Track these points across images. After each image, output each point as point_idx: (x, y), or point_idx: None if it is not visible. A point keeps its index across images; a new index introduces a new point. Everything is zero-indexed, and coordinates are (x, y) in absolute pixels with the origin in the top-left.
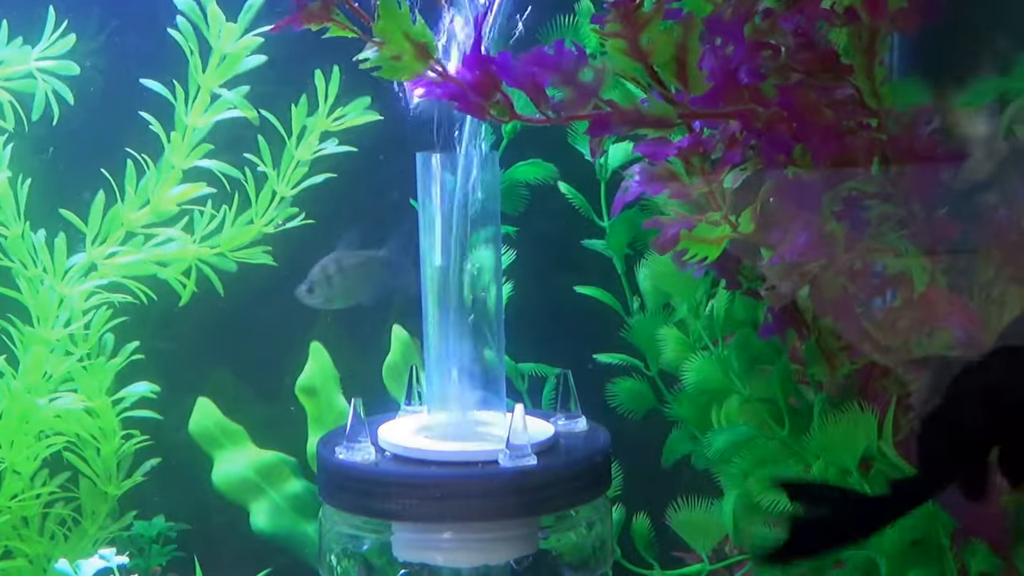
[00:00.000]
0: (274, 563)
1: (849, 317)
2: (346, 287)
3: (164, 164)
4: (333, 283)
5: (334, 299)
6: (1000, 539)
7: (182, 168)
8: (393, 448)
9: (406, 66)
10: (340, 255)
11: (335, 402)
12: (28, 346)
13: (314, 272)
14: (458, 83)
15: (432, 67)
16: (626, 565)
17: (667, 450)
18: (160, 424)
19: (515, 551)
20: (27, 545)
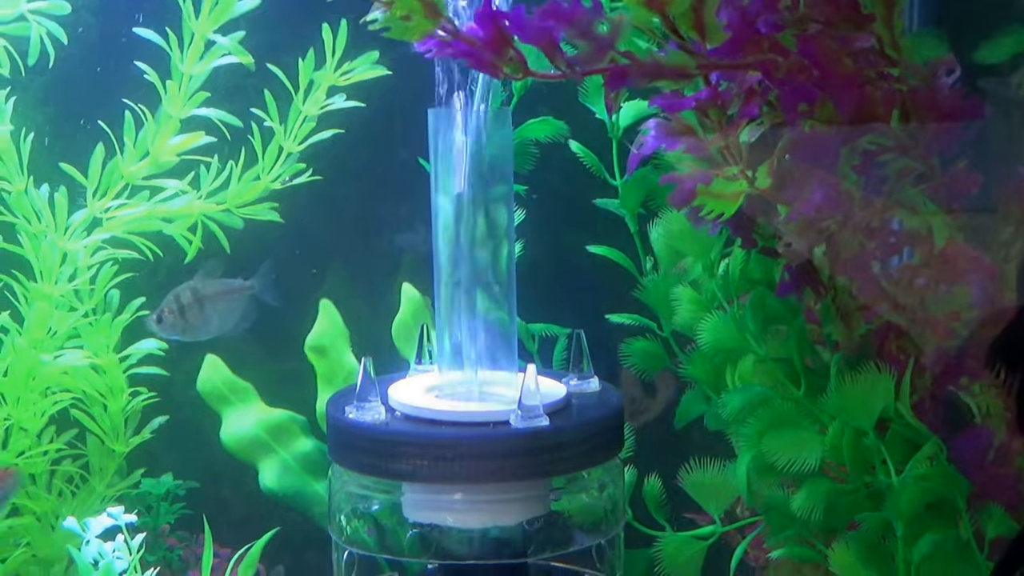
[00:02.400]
0: (283, 522)
1: (866, 275)
2: (204, 318)
3: (162, 114)
4: (187, 315)
5: (188, 330)
6: (1016, 502)
7: (180, 117)
8: (403, 408)
9: (416, 26)
10: (197, 284)
11: (344, 361)
12: (32, 302)
13: (167, 300)
14: (470, 41)
15: (443, 26)
16: (638, 527)
17: (680, 411)
18: (168, 381)
19: (526, 512)
20: (35, 502)
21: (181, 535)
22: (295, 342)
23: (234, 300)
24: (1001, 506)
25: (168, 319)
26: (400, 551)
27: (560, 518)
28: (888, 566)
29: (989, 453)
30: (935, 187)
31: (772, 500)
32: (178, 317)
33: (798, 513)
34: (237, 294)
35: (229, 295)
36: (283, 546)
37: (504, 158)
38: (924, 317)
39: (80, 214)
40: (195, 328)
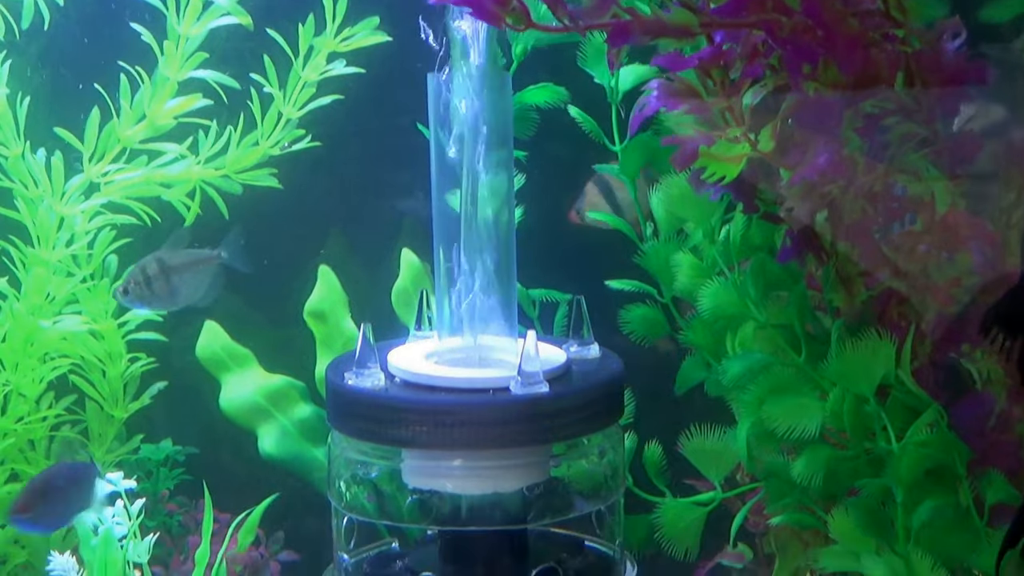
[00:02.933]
0: (282, 487)
1: (868, 241)
2: (170, 289)
3: (159, 77)
4: (153, 285)
5: (154, 301)
6: (1017, 469)
7: (177, 80)
8: (403, 374)
9: None
10: (163, 254)
11: (344, 326)
12: (30, 267)
13: (133, 272)
14: None
15: None
16: (638, 493)
17: (680, 377)
18: (166, 347)
19: (526, 479)
20: (33, 468)
21: (181, 501)
22: (294, 308)
23: (201, 270)
24: (1001, 472)
25: (134, 290)
26: (400, 517)
27: (560, 484)
28: (888, 532)
29: (990, 419)
30: (938, 152)
31: (772, 466)
32: (144, 288)
33: (798, 479)
34: (204, 264)
35: (196, 265)
36: (283, 512)
37: (504, 124)
38: (926, 283)
39: (77, 179)
40: (161, 299)
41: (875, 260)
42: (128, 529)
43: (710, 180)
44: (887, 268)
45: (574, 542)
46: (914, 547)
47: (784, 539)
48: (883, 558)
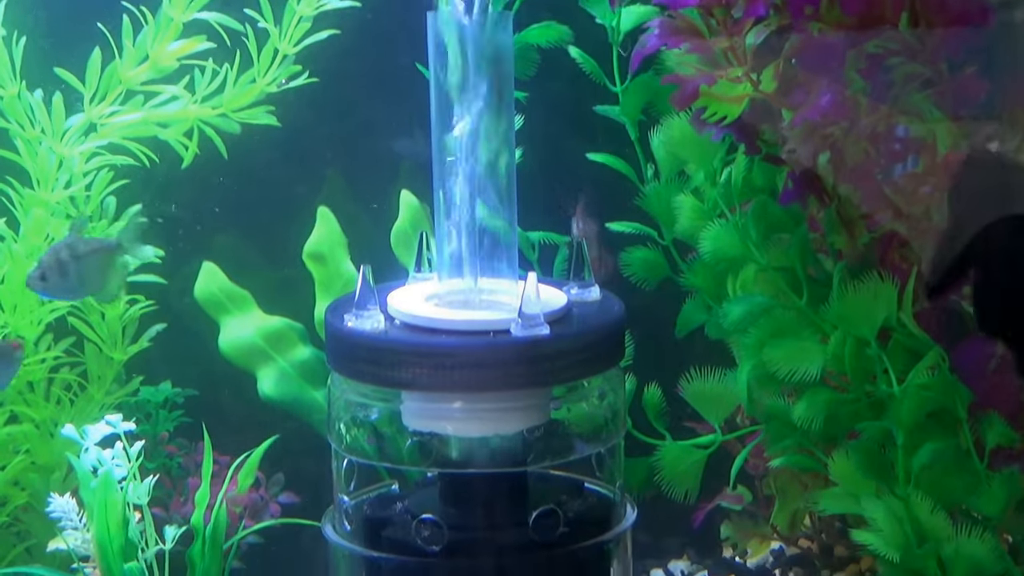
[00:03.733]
0: (282, 429)
1: (870, 183)
2: (80, 275)
3: (162, 17)
4: (67, 271)
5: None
6: (1017, 412)
7: (182, 21)
8: (403, 316)
9: None
10: (73, 241)
11: (343, 268)
12: (28, 209)
13: (46, 258)
14: None
15: None
16: (638, 435)
17: (681, 320)
18: (165, 289)
19: (526, 421)
20: (33, 410)
21: (180, 443)
22: (293, 249)
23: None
24: (1001, 415)
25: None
26: (400, 459)
27: (560, 427)
28: (888, 475)
29: (991, 362)
30: (942, 93)
31: (773, 409)
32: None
33: (798, 422)
34: (107, 251)
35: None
36: (282, 454)
37: (505, 63)
38: (928, 226)
39: (76, 119)
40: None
41: (877, 202)
42: (128, 471)
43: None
44: (889, 210)
45: (574, 484)
46: (914, 489)
47: (784, 481)
48: (883, 500)
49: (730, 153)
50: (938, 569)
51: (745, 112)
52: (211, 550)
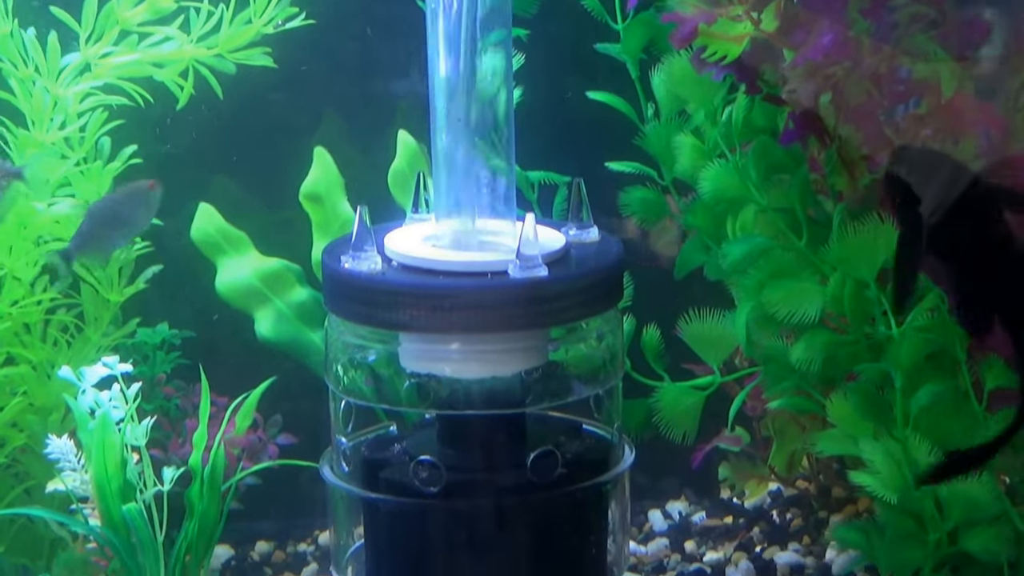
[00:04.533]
0: (280, 371)
1: (872, 124)
2: None
3: None
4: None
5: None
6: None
7: None
8: (400, 257)
9: None
10: None
11: (340, 209)
12: (23, 149)
13: None
14: None
15: None
16: (636, 376)
17: (680, 261)
18: (161, 230)
19: (524, 363)
20: (30, 351)
21: (178, 384)
22: (289, 190)
23: None
24: (1000, 357)
25: None
26: (397, 401)
27: (558, 368)
28: (886, 417)
29: None
30: (946, 34)
31: (771, 351)
32: None
33: (797, 364)
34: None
35: None
36: (280, 395)
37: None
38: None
39: (71, 59)
40: None
41: (879, 143)
42: (125, 413)
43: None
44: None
45: (572, 426)
46: (912, 431)
47: (782, 423)
48: (881, 442)
49: (731, 93)
50: (935, 510)
51: (746, 51)
52: (209, 491)
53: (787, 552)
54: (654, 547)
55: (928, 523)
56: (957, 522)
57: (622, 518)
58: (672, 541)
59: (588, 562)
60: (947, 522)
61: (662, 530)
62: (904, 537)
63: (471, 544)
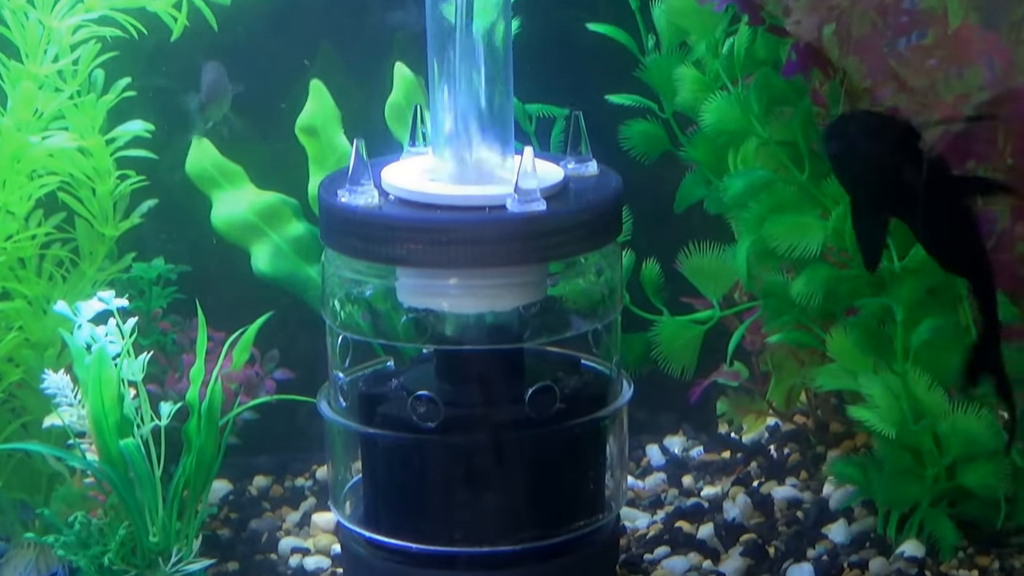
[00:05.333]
0: (277, 306)
1: (876, 56)
2: None
3: None
4: None
5: None
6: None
7: None
8: (397, 191)
9: None
10: None
11: (336, 142)
12: (16, 82)
13: None
14: None
15: None
16: (635, 311)
17: (680, 194)
18: (155, 164)
19: (523, 298)
20: (25, 286)
21: (174, 319)
22: (285, 124)
23: None
24: (1001, 291)
25: None
26: (395, 336)
27: (557, 303)
28: (886, 351)
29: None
30: None
31: (771, 285)
32: None
33: (797, 298)
34: None
35: None
36: (277, 330)
37: None
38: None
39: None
40: None
41: (882, 75)
42: (122, 348)
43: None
44: (894, 83)
45: (570, 361)
46: (912, 366)
47: (781, 358)
48: (880, 377)
49: (733, 24)
50: (934, 445)
51: None
52: (207, 426)
53: (784, 487)
54: (652, 482)
55: (926, 458)
56: (955, 457)
57: (620, 453)
58: (670, 476)
59: (586, 497)
60: (945, 457)
61: (660, 465)
62: (902, 472)
63: (469, 479)
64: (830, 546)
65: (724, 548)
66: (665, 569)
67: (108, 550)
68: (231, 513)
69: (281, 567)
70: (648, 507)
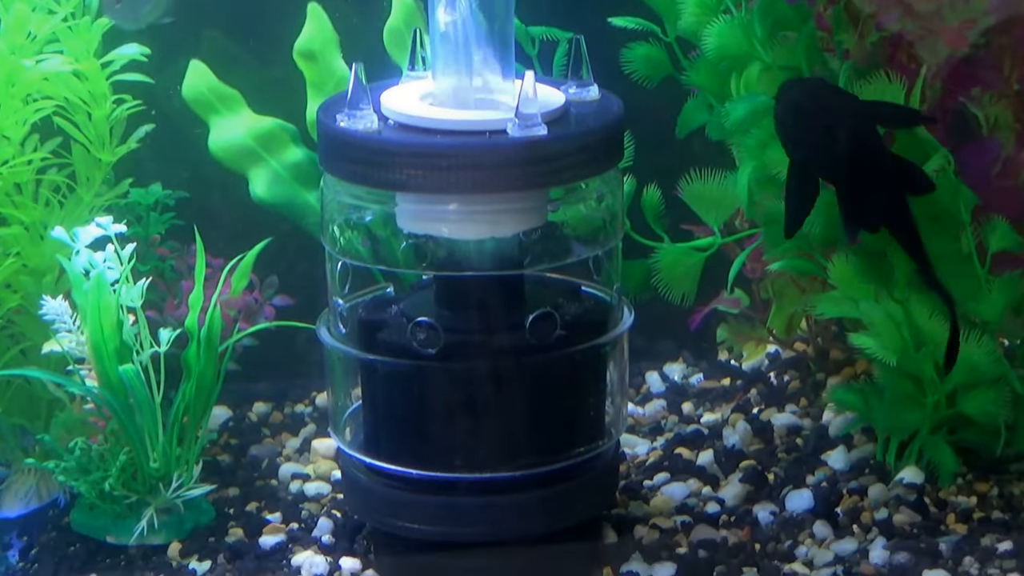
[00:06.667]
0: (275, 232)
1: None
2: None
3: None
4: None
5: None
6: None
7: None
8: (396, 116)
9: None
10: None
11: (335, 67)
12: (9, 5)
13: None
14: None
15: None
16: (636, 237)
17: (682, 119)
18: (152, 88)
19: (523, 224)
20: (22, 212)
21: (172, 245)
22: (283, 47)
23: None
24: (1005, 219)
25: None
26: (394, 262)
27: (557, 229)
28: (888, 278)
29: (996, 165)
30: None
31: (773, 212)
32: None
33: None
34: None
35: None
36: (276, 256)
37: None
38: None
39: None
40: None
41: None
42: (120, 274)
43: None
44: (899, 8)
45: (571, 287)
46: (913, 293)
47: (781, 285)
48: (881, 304)
49: None
50: (934, 372)
51: None
52: (206, 353)
53: (784, 414)
54: (652, 409)
55: (927, 385)
56: (956, 384)
57: (620, 380)
58: (669, 403)
59: (586, 423)
60: (946, 384)
61: (660, 392)
62: (902, 399)
63: (468, 405)
64: (829, 473)
65: (723, 474)
66: (664, 495)
67: (109, 476)
68: (231, 439)
69: (281, 493)
70: (648, 434)
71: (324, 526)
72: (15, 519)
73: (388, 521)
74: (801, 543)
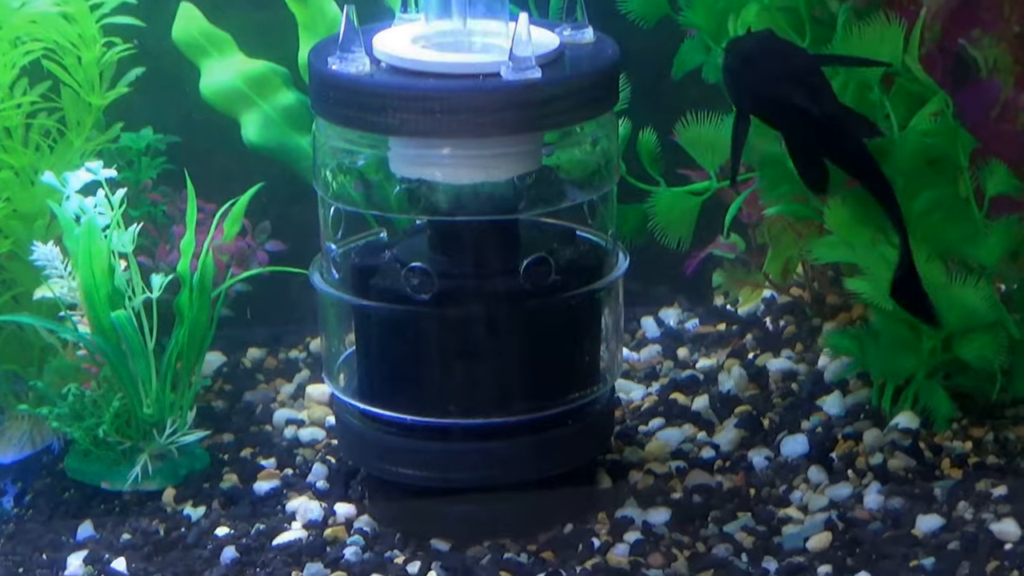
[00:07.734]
0: (267, 177)
1: None
2: None
3: None
4: None
5: None
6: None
7: None
8: (389, 58)
9: None
10: None
11: (327, 8)
12: None
13: None
14: None
15: None
16: (631, 181)
17: (678, 61)
18: (142, 31)
19: (517, 168)
20: (12, 156)
21: (164, 190)
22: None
23: None
24: (1003, 163)
25: None
26: (387, 207)
27: (552, 173)
28: (884, 223)
29: (995, 108)
30: None
31: (769, 155)
32: None
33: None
34: None
35: None
36: (268, 201)
37: None
38: None
39: None
40: None
41: None
42: (111, 219)
43: None
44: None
45: (566, 232)
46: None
47: (778, 230)
48: (878, 249)
49: None
50: None
51: None
52: (199, 298)
53: (780, 359)
54: (647, 354)
55: (923, 330)
56: (952, 329)
57: (615, 325)
58: (665, 348)
59: (580, 369)
60: (942, 329)
61: (655, 337)
62: (898, 344)
63: (462, 351)
64: (824, 418)
65: (719, 420)
66: (660, 440)
67: (102, 422)
68: (225, 385)
69: (276, 438)
70: (643, 379)
71: (319, 472)
72: (9, 465)
73: (382, 467)
74: (796, 488)
